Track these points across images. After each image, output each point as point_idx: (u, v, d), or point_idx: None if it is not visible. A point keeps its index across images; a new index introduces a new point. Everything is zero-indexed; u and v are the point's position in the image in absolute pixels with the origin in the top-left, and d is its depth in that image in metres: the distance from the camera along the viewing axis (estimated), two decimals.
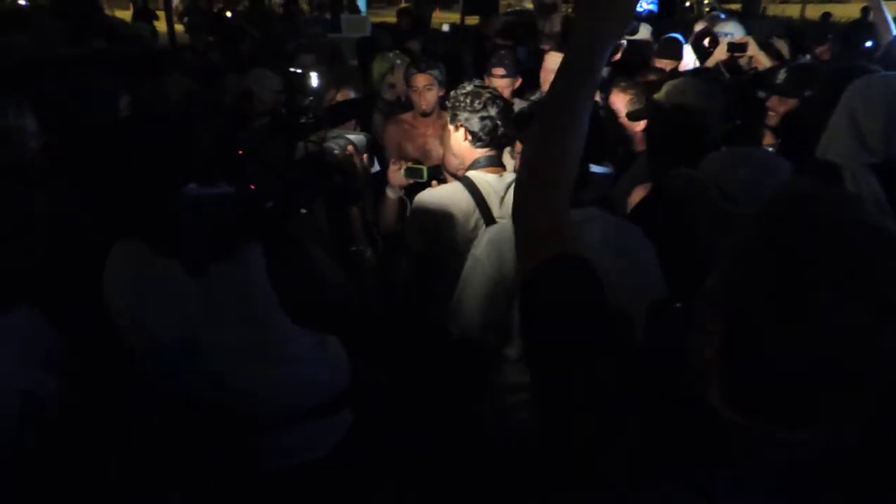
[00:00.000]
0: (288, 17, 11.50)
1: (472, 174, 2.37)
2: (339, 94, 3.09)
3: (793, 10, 20.44)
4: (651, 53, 4.96)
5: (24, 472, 1.45)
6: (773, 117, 3.22)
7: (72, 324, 1.62)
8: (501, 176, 2.38)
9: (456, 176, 2.47)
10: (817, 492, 0.81)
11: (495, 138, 2.37)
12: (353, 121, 2.97)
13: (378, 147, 3.50)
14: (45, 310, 1.57)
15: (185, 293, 1.51)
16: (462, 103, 2.38)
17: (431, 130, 3.60)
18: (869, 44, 5.58)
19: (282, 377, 1.63)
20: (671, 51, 4.80)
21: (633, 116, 3.16)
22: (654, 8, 9.57)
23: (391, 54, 4.51)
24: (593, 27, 1.06)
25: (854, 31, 6.16)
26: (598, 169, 1.93)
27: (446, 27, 7.66)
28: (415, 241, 2.39)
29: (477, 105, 2.35)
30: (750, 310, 0.79)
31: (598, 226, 1.86)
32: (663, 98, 2.52)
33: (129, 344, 1.60)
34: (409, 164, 2.77)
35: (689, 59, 5.04)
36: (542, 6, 6.08)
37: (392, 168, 2.78)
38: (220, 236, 1.41)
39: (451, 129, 2.43)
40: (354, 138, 1.99)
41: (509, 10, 21.00)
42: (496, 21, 7.30)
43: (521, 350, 1.86)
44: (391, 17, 9.78)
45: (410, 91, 3.59)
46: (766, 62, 4.31)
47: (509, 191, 2.34)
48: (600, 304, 0.97)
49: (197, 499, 1.66)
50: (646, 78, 3.72)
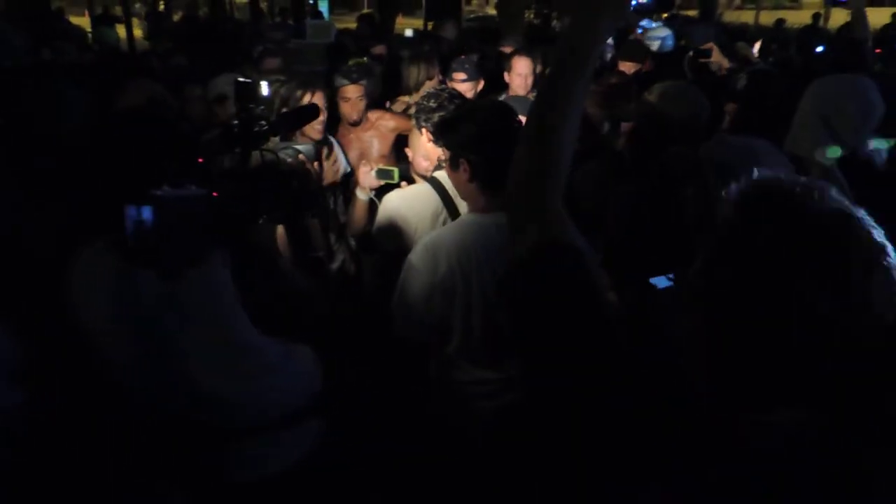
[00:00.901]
0: (253, 22, 11.45)
1: (438, 174, 2.41)
2: (314, 97, 3.12)
3: (748, 16, 20.95)
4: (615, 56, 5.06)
5: None
6: (729, 122, 3.29)
7: (36, 335, 1.63)
8: None
9: (425, 177, 2.52)
10: (795, 473, 0.84)
11: None
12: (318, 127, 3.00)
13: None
14: (4, 321, 1.56)
15: (152, 301, 1.52)
16: (422, 105, 2.45)
17: (364, 137, 3.61)
18: (820, 49, 5.79)
19: (250, 385, 1.62)
20: (635, 54, 4.90)
21: (623, 117, 3.18)
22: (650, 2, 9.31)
23: (365, 59, 4.55)
24: (588, 20, 1.10)
25: (807, 37, 6.38)
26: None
27: (409, 32, 7.70)
28: (383, 242, 2.42)
29: (433, 104, 2.42)
30: (731, 300, 0.85)
31: None
32: (655, 100, 2.55)
33: (96, 353, 1.59)
34: (380, 165, 2.81)
35: None
36: None
37: (362, 170, 2.80)
38: (194, 238, 1.44)
39: (417, 132, 2.48)
40: (302, 148, 2.02)
41: (472, 15, 21.20)
42: (453, 26, 7.37)
43: (460, 347, 1.95)
44: (353, 22, 9.76)
45: (340, 101, 3.51)
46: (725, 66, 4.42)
47: None
48: (589, 291, 1.01)
49: None
50: (608, 81, 3.80)
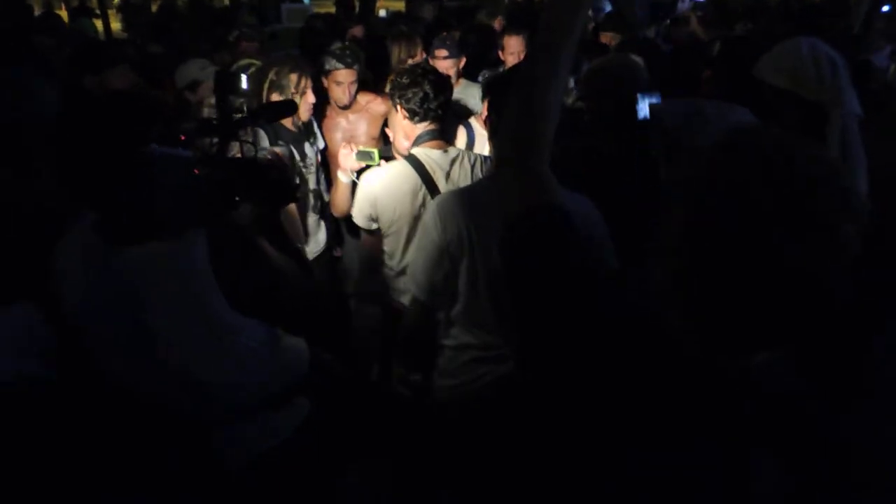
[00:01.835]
0: (231, 9, 11.29)
1: (416, 151, 2.40)
2: (306, 82, 3.08)
3: None
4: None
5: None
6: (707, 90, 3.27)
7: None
8: (446, 151, 2.41)
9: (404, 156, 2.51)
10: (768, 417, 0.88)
11: (430, 111, 2.41)
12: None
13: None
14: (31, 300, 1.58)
15: (130, 279, 1.52)
16: (396, 83, 2.44)
17: (353, 119, 3.59)
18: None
19: (229, 366, 1.63)
20: (615, 24, 4.88)
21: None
22: None
23: (347, 43, 4.49)
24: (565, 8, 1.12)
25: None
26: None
27: (383, 13, 7.60)
28: (362, 222, 2.41)
29: (406, 80, 2.40)
30: (708, 246, 0.86)
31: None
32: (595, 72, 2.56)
33: (80, 334, 1.59)
34: (360, 147, 2.79)
35: None
36: None
37: (343, 153, 2.78)
38: (181, 201, 1.46)
39: (394, 111, 2.46)
40: (279, 150, 2.04)
41: None
42: (431, 7, 7.29)
43: (465, 310, 1.95)
44: (333, 7, 9.67)
45: (332, 84, 3.47)
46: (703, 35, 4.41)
47: (454, 165, 2.38)
48: (573, 251, 1.05)
49: (161, 498, 1.66)
50: (590, 52, 3.78)
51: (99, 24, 8.71)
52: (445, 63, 3.96)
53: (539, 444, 1.03)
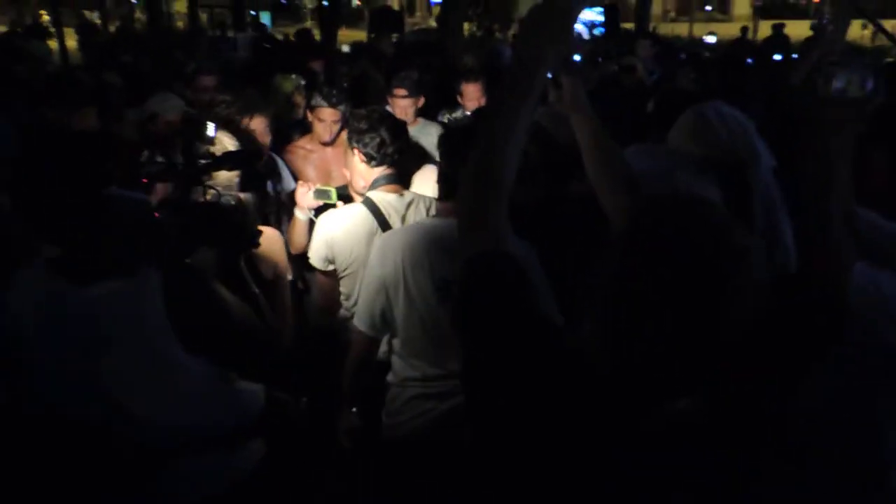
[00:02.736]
0: (190, 36, 11.28)
1: (372, 194, 2.47)
2: (253, 122, 3.12)
3: (681, 29, 21.67)
4: None
5: None
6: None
7: None
8: (402, 195, 2.49)
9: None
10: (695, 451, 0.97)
11: (387, 156, 2.49)
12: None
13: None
14: None
15: (78, 316, 1.54)
16: (353, 126, 2.52)
17: (331, 154, 3.61)
18: (778, 57, 6.01)
19: (175, 404, 1.65)
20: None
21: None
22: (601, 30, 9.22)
23: (294, 76, 4.55)
24: (532, 49, 1.20)
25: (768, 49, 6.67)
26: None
27: (346, 48, 7.70)
28: (318, 262, 2.46)
29: (364, 126, 2.48)
30: (629, 302, 0.96)
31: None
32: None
33: (25, 368, 1.60)
34: (318, 185, 2.83)
35: None
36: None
37: (300, 190, 2.82)
38: (134, 241, 1.50)
39: (350, 153, 2.53)
40: (244, 196, 2.09)
41: (416, 27, 21.34)
42: (389, 42, 7.41)
43: (404, 341, 2.06)
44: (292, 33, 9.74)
45: (315, 121, 3.54)
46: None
47: (409, 209, 2.46)
48: (529, 304, 1.10)
49: None
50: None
51: (53, 43, 8.62)
52: (404, 102, 4.02)
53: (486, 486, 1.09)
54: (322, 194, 2.74)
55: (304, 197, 2.79)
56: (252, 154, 1.92)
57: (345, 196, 2.78)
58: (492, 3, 18.82)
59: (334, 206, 2.72)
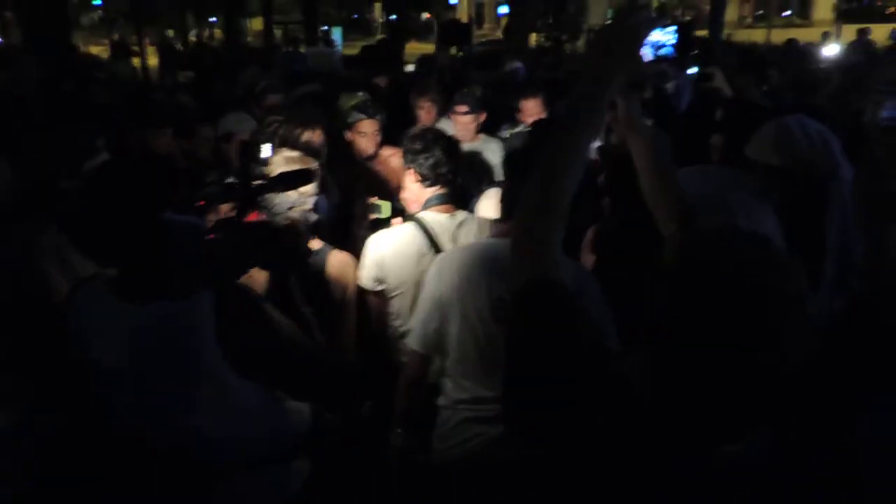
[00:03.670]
0: (265, 53, 11.62)
1: (423, 215, 2.49)
2: (307, 134, 3.20)
3: (758, 35, 20.98)
4: None
5: None
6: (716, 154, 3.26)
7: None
8: (453, 215, 2.50)
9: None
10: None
11: (441, 177, 2.50)
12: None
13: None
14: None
15: (141, 339, 1.60)
16: (408, 147, 2.55)
17: (382, 168, 3.65)
18: None
19: (226, 423, 1.68)
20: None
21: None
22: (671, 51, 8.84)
23: (360, 94, 4.62)
24: (598, 70, 1.19)
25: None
26: None
27: (411, 67, 7.77)
28: (367, 282, 2.49)
29: (419, 146, 2.50)
30: (676, 340, 0.94)
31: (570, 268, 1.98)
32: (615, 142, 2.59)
33: (90, 382, 1.68)
34: (374, 199, 2.86)
35: None
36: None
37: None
38: (190, 264, 1.55)
39: (405, 172, 2.56)
40: (296, 216, 2.12)
41: (483, 39, 21.44)
42: (447, 52, 7.45)
43: (456, 361, 2.06)
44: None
45: (356, 135, 3.56)
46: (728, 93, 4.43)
47: (460, 230, 2.47)
48: (579, 330, 1.10)
49: None
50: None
51: (136, 61, 9.06)
52: (466, 118, 4.05)
53: None
54: (374, 208, 2.76)
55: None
56: (302, 175, 1.95)
57: (399, 210, 2.81)
58: (561, 13, 18.74)
59: (387, 220, 2.75)
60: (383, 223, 2.72)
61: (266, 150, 2.02)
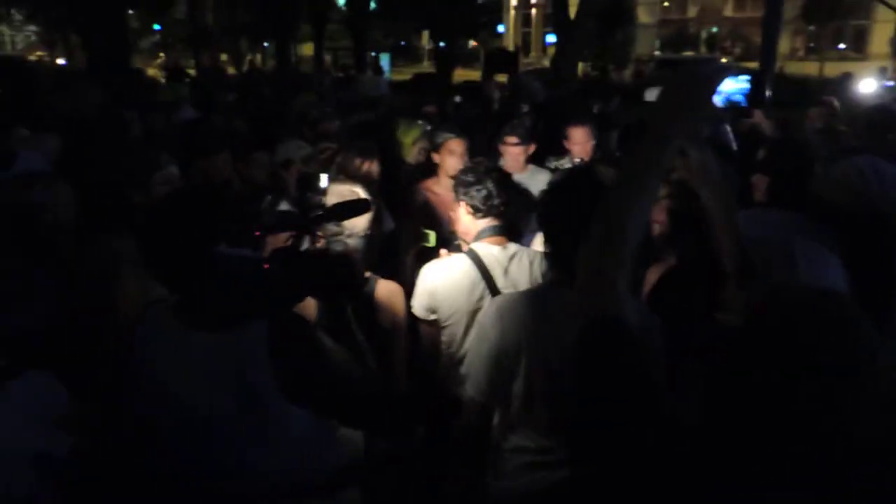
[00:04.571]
0: (315, 78, 11.90)
1: (476, 246, 2.50)
2: (366, 164, 3.27)
3: (811, 68, 20.65)
4: None
5: None
6: (759, 194, 3.13)
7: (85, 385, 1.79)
8: (505, 247, 2.50)
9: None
10: None
11: (493, 208, 2.51)
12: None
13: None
14: (58, 371, 1.74)
15: (196, 360, 1.62)
16: (460, 179, 2.56)
17: (431, 198, 3.66)
18: None
19: (276, 454, 1.68)
20: None
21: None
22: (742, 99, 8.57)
23: (420, 122, 4.65)
24: (670, 116, 1.20)
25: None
26: None
27: (458, 98, 7.86)
28: (420, 312, 2.50)
29: (471, 178, 2.52)
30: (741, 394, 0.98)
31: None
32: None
33: (138, 408, 1.71)
34: (421, 228, 2.88)
35: None
36: None
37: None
38: (243, 296, 1.57)
39: (457, 203, 2.59)
40: (352, 242, 2.15)
41: (530, 67, 21.56)
42: (493, 81, 7.50)
43: (522, 412, 1.97)
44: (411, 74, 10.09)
45: (444, 154, 3.58)
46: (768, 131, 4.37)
47: (512, 262, 2.47)
48: (641, 371, 1.11)
49: None
50: None
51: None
52: (515, 150, 4.05)
53: None
54: (422, 237, 2.78)
55: None
56: (359, 205, 1.98)
57: (447, 241, 2.82)
58: (608, 43, 18.77)
59: (435, 249, 2.76)
60: (430, 252, 2.73)
61: (324, 181, 2.06)
